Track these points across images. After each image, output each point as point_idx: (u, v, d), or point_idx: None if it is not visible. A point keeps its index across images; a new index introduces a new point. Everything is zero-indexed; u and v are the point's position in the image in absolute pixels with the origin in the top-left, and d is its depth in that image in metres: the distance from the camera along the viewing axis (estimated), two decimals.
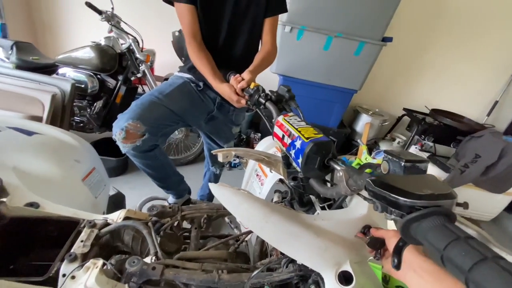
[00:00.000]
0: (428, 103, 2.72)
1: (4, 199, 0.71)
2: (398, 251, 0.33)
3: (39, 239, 0.74)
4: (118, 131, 1.06)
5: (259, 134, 2.68)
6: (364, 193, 0.48)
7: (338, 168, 0.47)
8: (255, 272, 0.60)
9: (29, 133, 0.87)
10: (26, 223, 0.71)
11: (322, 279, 0.57)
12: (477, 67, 2.69)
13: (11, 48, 1.92)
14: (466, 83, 2.78)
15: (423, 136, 2.49)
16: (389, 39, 2.09)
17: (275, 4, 1.15)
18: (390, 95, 2.94)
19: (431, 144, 2.52)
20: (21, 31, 2.70)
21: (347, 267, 0.53)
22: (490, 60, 2.65)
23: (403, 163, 0.36)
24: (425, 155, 2.31)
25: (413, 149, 2.42)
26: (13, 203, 0.71)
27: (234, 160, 2.50)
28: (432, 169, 2.12)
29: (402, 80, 2.87)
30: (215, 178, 1.66)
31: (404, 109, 2.72)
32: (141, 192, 1.81)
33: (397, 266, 0.33)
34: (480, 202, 2.14)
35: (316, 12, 2.01)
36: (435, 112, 2.55)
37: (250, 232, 0.80)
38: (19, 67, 1.87)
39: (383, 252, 0.48)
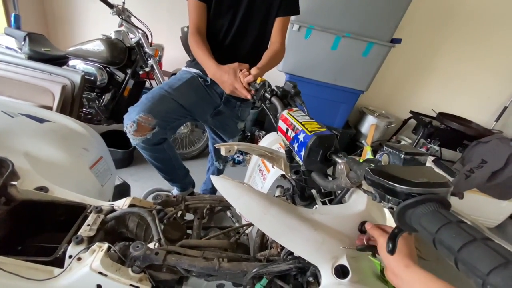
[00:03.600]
0: (436, 107, 2.70)
1: (15, 183, 0.73)
2: (393, 237, 0.34)
3: (47, 223, 0.77)
4: (129, 123, 1.07)
5: (264, 132, 2.69)
6: (364, 186, 0.49)
7: (340, 161, 0.47)
8: (257, 264, 0.62)
9: (41, 120, 0.90)
10: (35, 206, 0.73)
11: (319, 271, 0.58)
12: (486, 71, 2.66)
13: (24, 39, 1.95)
14: (475, 88, 2.75)
15: (429, 139, 2.47)
16: (398, 41, 2.08)
17: (288, 5, 1.16)
18: (397, 97, 2.93)
19: (437, 148, 2.51)
20: (33, 23, 2.75)
21: (344, 261, 0.54)
22: (500, 65, 2.62)
23: (402, 155, 0.37)
24: (430, 158, 2.29)
25: None
26: (23, 187, 0.73)
27: (237, 156, 2.52)
28: None
29: (410, 82, 2.85)
30: (218, 173, 1.68)
31: (411, 111, 2.70)
32: (145, 185, 1.84)
33: (391, 251, 0.34)
34: (485, 208, 2.11)
35: (325, 12, 2.01)
36: (442, 116, 2.53)
37: (251, 224, 0.81)
38: (31, 58, 1.91)
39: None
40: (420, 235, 0.30)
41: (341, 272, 0.54)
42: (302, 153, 0.54)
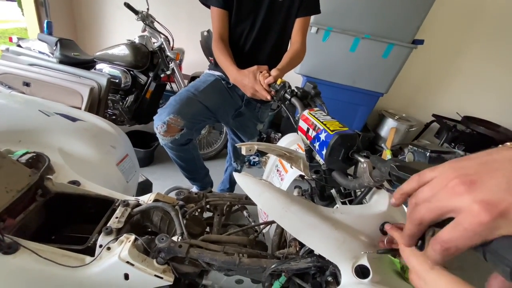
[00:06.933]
0: (460, 110, 2.59)
1: (50, 176, 0.79)
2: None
3: (77, 214, 0.82)
4: (160, 124, 1.12)
5: (280, 134, 2.70)
6: (386, 185, 0.48)
7: (363, 160, 0.48)
8: (276, 261, 0.63)
9: (74, 119, 0.96)
10: (67, 199, 0.78)
11: (339, 271, 0.58)
12: None
13: (56, 45, 2.09)
14: (503, 91, 2.62)
15: (453, 144, 2.38)
16: (420, 42, 2.02)
17: (309, 4, 1.16)
18: (419, 100, 2.84)
19: (462, 153, 2.40)
20: (63, 29, 2.94)
21: (365, 261, 0.54)
22: None
23: (428, 153, 0.36)
24: None
25: None
26: (58, 180, 0.78)
27: (253, 158, 2.54)
28: None
29: (433, 84, 2.75)
30: None
31: (434, 115, 2.61)
32: (165, 183, 1.90)
33: (421, 247, 0.34)
34: None
35: (344, 13, 1.99)
36: (468, 120, 2.42)
37: (269, 223, 0.83)
38: (62, 62, 2.04)
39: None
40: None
41: (361, 272, 0.53)
42: (324, 152, 0.54)
